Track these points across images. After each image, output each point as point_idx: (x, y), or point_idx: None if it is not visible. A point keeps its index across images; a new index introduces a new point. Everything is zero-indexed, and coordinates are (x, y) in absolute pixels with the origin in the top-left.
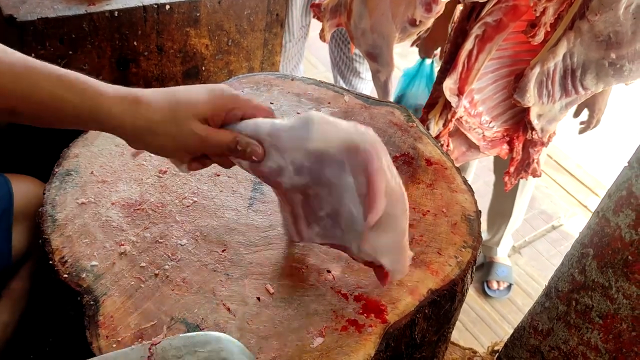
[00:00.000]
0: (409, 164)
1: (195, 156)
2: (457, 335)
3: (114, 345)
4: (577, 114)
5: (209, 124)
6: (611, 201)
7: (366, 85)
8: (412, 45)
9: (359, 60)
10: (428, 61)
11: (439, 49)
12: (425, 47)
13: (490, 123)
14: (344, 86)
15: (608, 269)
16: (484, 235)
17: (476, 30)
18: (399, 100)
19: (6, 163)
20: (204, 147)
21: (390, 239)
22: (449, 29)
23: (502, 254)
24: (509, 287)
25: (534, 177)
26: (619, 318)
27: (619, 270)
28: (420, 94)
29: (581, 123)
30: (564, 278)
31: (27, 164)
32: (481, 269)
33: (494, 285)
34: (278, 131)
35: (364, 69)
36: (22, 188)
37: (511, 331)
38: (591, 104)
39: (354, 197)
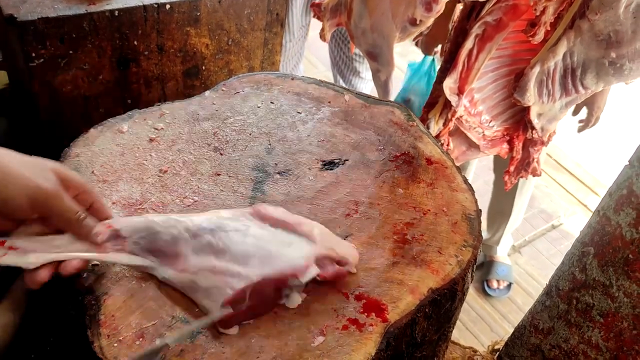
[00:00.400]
0: (409, 163)
1: (35, 213)
2: (458, 334)
3: (115, 345)
4: (576, 112)
5: None
6: (612, 200)
7: (366, 84)
8: (413, 40)
9: (358, 59)
10: (430, 58)
11: (440, 46)
12: (425, 45)
13: (490, 122)
14: (343, 86)
15: (609, 267)
16: (484, 234)
17: (476, 30)
18: (404, 93)
19: None
20: (54, 200)
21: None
22: (450, 28)
23: (502, 253)
24: (509, 286)
25: (534, 176)
26: (619, 316)
27: (620, 268)
28: (417, 89)
29: (580, 121)
30: (565, 277)
31: None
32: (481, 268)
33: (494, 284)
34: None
35: (364, 68)
36: None
37: (511, 330)
38: (590, 103)
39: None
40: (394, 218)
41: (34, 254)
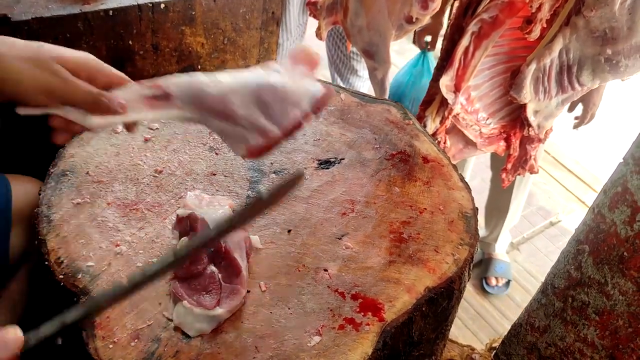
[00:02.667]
0: (406, 161)
1: (56, 102)
2: (456, 332)
3: (111, 347)
4: (571, 109)
5: None
6: (606, 197)
7: (364, 83)
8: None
9: (356, 58)
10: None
11: (429, 37)
12: (417, 37)
13: (487, 120)
14: (341, 84)
15: (604, 265)
16: (482, 231)
17: (472, 27)
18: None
19: (5, 163)
20: (67, 90)
21: None
22: (445, 24)
23: (500, 250)
24: (508, 283)
25: (531, 173)
26: (615, 314)
27: (615, 266)
28: (407, 79)
29: (576, 118)
30: (560, 274)
31: (25, 164)
32: (479, 265)
33: (493, 281)
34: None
35: (362, 67)
36: (22, 189)
37: (510, 328)
38: (586, 99)
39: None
40: (390, 217)
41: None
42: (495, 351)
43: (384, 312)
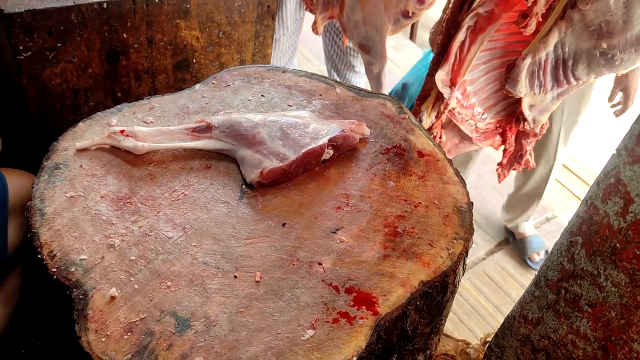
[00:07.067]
0: (401, 155)
1: None
2: (452, 327)
3: (103, 340)
4: (611, 97)
5: None
6: (599, 189)
7: (361, 78)
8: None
9: (353, 53)
10: None
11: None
12: (431, 43)
13: (482, 114)
14: (336, 79)
15: (597, 257)
16: (505, 216)
17: (468, 22)
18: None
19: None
20: None
21: None
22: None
23: (529, 227)
24: (546, 252)
25: (526, 168)
26: (607, 306)
27: (608, 258)
28: (416, 76)
29: (613, 106)
30: (553, 267)
31: (19, 158)
32: (513, 247)
33: (535, 257)
34: None
35: (358, 62)
36: (17, 183)
37: None
38: (625, 87)
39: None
40: (385, 211)
41: (144, 142)
42: (489, 344)
43: (378, 306)
